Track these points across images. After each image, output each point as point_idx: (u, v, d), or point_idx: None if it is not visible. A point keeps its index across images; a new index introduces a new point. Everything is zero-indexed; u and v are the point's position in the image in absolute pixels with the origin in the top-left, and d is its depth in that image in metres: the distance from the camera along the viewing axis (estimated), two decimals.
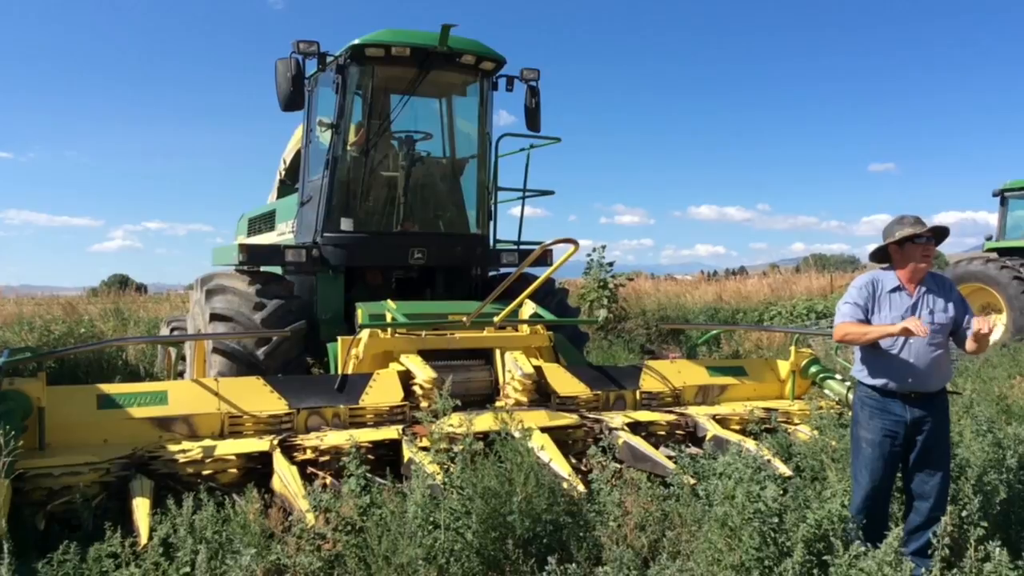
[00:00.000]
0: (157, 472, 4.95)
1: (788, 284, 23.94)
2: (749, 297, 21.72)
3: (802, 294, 20.73)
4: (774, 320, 16.98)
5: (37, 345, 11.38)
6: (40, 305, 17.86)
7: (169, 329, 10.03)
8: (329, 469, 5.24)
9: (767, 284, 24.28)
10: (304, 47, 7.44)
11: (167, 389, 5.70)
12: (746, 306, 19.55)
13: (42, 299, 20.20)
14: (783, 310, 17.55)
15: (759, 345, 14.88)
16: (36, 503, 4.61)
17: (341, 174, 7.87)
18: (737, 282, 25.92)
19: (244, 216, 11.51)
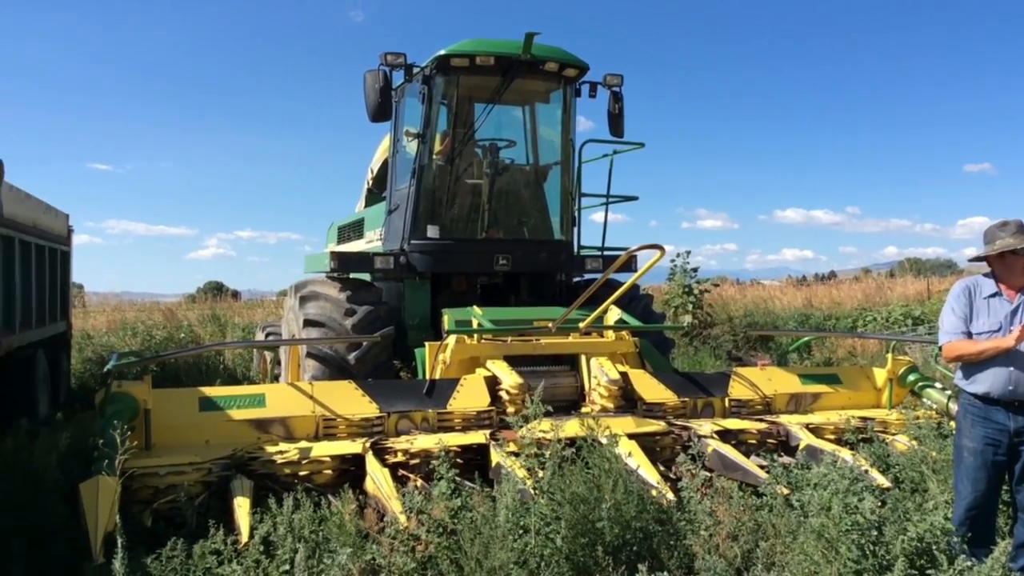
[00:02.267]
0: (256, 472, 5.12)
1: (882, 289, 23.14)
2: (841, 303, 21.09)
3: (898, 300, 20.01)
4: (868, 326, 16.42)
5: (140, 349, 11.91)
6: (142, 311, 18.70)
7: (264, 334, 10.37)
8: (419, 472, 5.33)
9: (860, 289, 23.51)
10: (391, 59, 7.61)
11: (264, 392, 5.90)
12: (838, 312, 18.98)
13: (143, 305, 21.14)
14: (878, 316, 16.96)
15: (852, 352, 14.44)
16: (143, 501, 4.82)
17: (427, 182, 8.01)
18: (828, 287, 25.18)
19: (334, 224, 11.81)
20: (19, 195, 8.08)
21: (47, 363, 9.23)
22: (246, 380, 11.35)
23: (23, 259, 8.22)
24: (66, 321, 10.86)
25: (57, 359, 10.19)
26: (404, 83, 8.18)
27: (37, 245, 8.86)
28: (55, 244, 9.92)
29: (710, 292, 17.01)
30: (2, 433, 6.48)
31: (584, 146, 8.61)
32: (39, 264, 8.98)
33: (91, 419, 6.98)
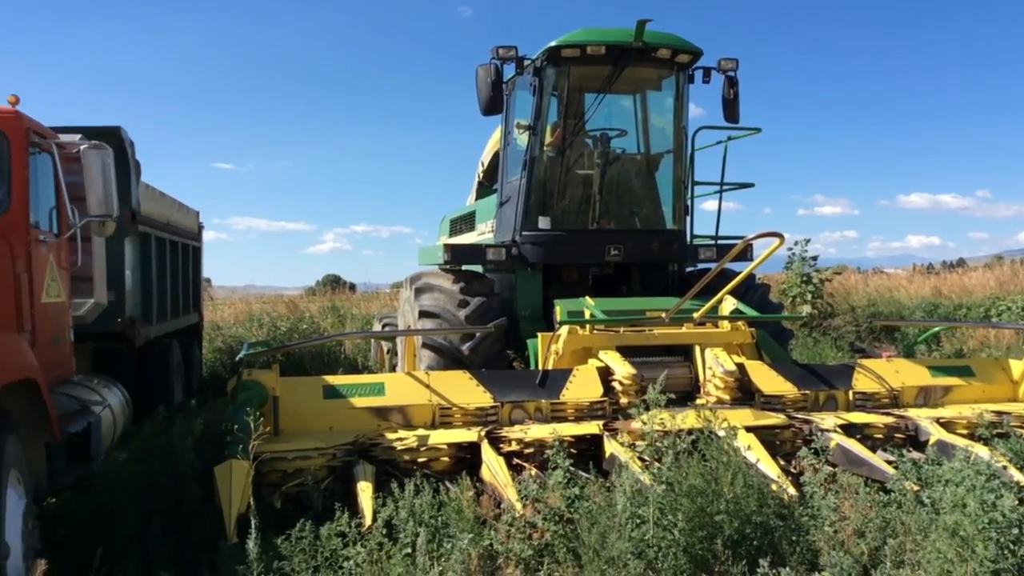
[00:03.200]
0: (377, 458, 5.29)
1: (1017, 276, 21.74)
2: (972, 291, 19.94)
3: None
4: (1002, 316, 15.47)
5: (266, 339, 12.44)
6: (266, 303, 19.53)
7: (381, 325, 10.67)
8: (533, 461, 5.38)
9: (993, 277, 22.15)
10: (503, 53, 7.66)
11: (384, 381, 6.08)
12: (969, 301, 17.95)
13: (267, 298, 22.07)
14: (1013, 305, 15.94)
15: (985, 343, 13.65)
16: (272, 484, 5.05)
17: (538, 174, 8.04)
18: (958, 275, 23.85)
19: (446, 217, 12.02)
20: (154, 194, 8.58)
21: (181, 353, 9.78)
22: (365, 369, 11.70)
23: (159, 255, 8.73)
24: (198, 313, 11.47)
25: (190, 349, 10.78)
26: (515, 76, 8.23)
27: (171, 241, 9.38)
28: (187, 240, 10.48)
29: (831, 281, 16.40)
30: (141, 419, 6.92)
31: (697, 133, 8.45)
32: (173, 259, 9.51)
33: (222, 406, 7.37)
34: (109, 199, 5.18)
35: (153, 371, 8.52)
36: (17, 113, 4.88)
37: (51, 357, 5.12)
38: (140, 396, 7.24)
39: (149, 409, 7.31)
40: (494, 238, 8.71)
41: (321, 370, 10.95)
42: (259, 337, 12.90)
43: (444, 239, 11.54)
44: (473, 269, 8.45)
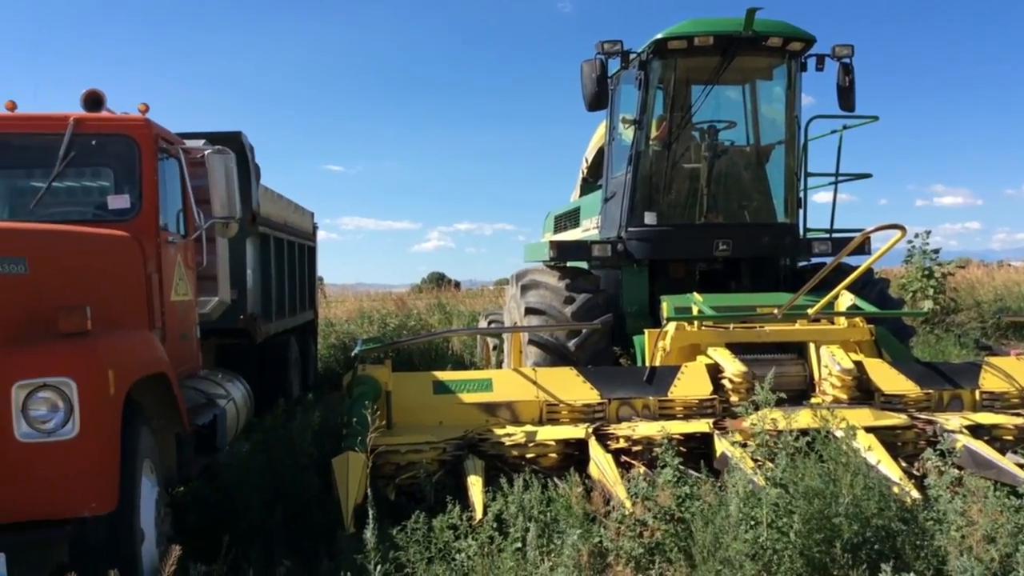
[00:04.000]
0: (486, 453, 5.36)
1: None
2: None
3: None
4: None
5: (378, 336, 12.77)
6: (376, 301, 20.03)
7: (487, 322, 10.79)
8: (642, 459, 5.33)
9: None
10: (608, 47, 7.62)
11: (491, 377, 6.15)
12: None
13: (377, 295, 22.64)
14: None
15: None
16: (386, 476, 5.19)
17: (644, 169, 7.95)
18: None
19: (550, 214, 12.04)
20: (272, 196, 8.94)
21: (298, 349, 10.15)
22: (472, 365, 11.86)
23: (277, 254, 9.08)
24: (313, 310, 11.88)
25: (306, 345, 11.17)
26: (620, 70, 8.17)
27: (288, 241, 9.75)
28: (303, 240, 10.87)
29: (953, 275, 15.60)
30: (262, 411, 7.22)
31: (811, 123, 8.19)
32: (290, 259, 9.88)
33: (338, 400, 7.62)
34: (232, 201, 5.43)
35: (272, 366, 8.88)
36: (147, 121, 5.17)
37: (180, 352, 5.41)
38: (260, 390, 7.55)
39: (269, 402, 7.61)
40: (599, 234, 8.68)
41: (430, 366, 11.17)
42: (370, 333, 13.25)
43: (549, 236, 11.56)
44: (578, 266, 8.44)
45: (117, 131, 5.05)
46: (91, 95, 5.05)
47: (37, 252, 3.92)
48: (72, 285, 4.13)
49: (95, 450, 3.47)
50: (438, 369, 7.65)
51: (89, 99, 5.06)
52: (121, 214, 4.97)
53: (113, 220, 4.94)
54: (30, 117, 5.08)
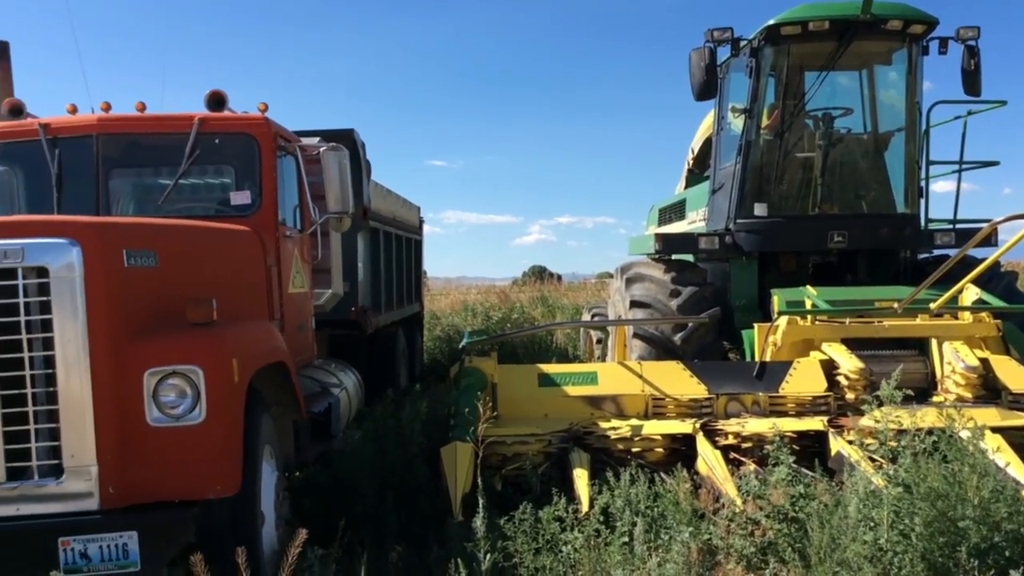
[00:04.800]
0: (591, 446, 5.36)
1: None
2: None
3: None
4: None
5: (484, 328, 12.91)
6: (480, 293, 20.26)
7: (591, 315, 10.75)
8: (752, 456, 5.22)
9: None
10: (718, 35, 7.47)
11: (596, 370, 6.14)
12: None
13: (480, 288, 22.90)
14: None
15: None
16: (492, 466, 5.25)
17: (754, 159, 7.77)
18: None
19: (654, 207, 11.90)
20: (382, 191, 9.15)
21: (405, 340, 10.37)
22: (575, 358, 11.85)
23: (386, 248, 9.30)
24: (419, 303, 12.12)
25: (413, 337, 11.40)
26: (729, 58, 8.00)
27: (396, 235, 9.97)
28: (410, 234, 11.09)
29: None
30: (372, 401, 7.42)
31: (933, 108, 7.82)
32: (398, 252, 10.10)
33: (444, 391, 7.75)
34: (346, 197, 5.58)
35: (381, 357, 9.09)
36: (266, 120, 5.37)
37: (297, 343, 5.60)
38: (370, 380, 7.76)
39: (378, 392, 7.81)
40: (706, 226, 8.53)
41: (533, 358, 11.22)
42: (474, 326, 13.42)
43: (653, 229, 11.44)
44: (684, 259, 8.32)
45: (239, 130, 5.27)
46: (214, 95, 5.27)
47: (166, 246, 4.12)
48: (198, 277, 4.34)
49: (220, 435, 3.63)
50: (542, 362, 7.67)
51: (212, 99, 5.28)
52: (242, 210, 5.19)
53: (235, 215, 5.16)
54: (158, 118, 5.35)
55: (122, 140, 5.26)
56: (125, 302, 3.67)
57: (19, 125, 5.23)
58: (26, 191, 5.42)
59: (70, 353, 3.46)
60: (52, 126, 5.15)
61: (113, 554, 3.39)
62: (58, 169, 5.10)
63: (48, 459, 3.47)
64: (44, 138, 5.10)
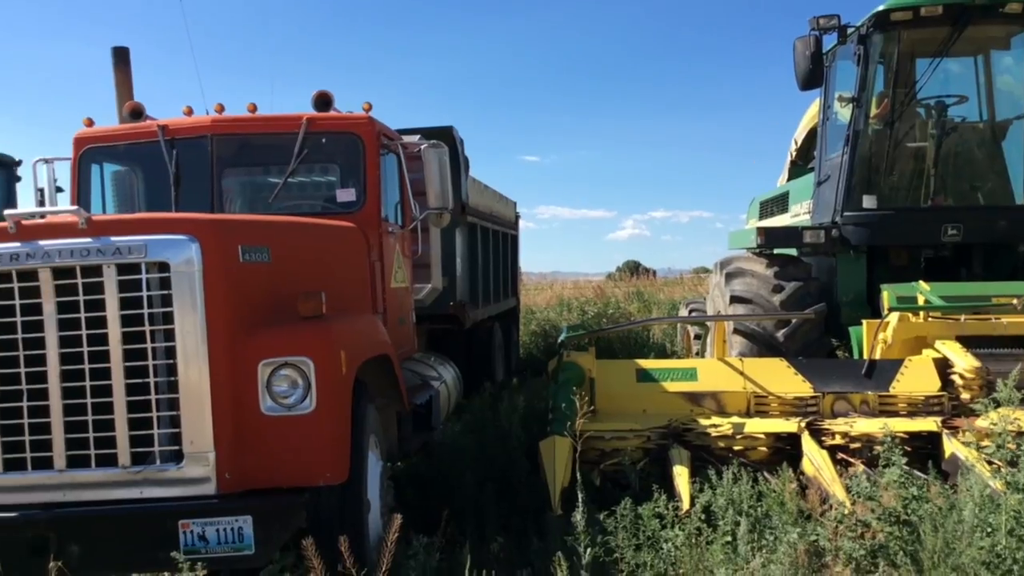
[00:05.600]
0: (691, 443, 5.29)
1: None
2: None
3: None
4: None
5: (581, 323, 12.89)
6: (574, 288, 20.24)
7: (688, 310, 10.61)
8: (860, 456, 5.07)
9: None
10: (823, 22, 7.25)
11: (696, 366, 6.06)
12: None
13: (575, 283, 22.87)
14: None
15: None
16: (590, 461, 5.24)
17: (862, 149, 7.50)
18: None
19: (755, 200, 11.63)
20: (479, 187, 9.23)
21: (501, 334, 10.45)
22: (673, 354, 11.72)
23: (483, 243, 9.38)
24: (515, 298, 12.17)
25: (509, 331, 11.47)
26: (836, 46, 7.75)
27: (493, 231, 10.04)
28: (506, 229, 11.15)
29: None
30: (469, 394, 7.52)
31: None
32: (495, 247, 10.16)
33: (541, 385, 7.79)
34: (446, 193, 5.66)
35: (478, 351, 9.19)
36: (370, 119, 5.49)
37: (398, 336, 5.72)
38: (467, 373, 7.85)
39: (475, 386, 7.91)
40: (811, 219, 8.29)
41: (629, 354, 11.14)
42: (570, 321, 13.40)
43: (754, 222, 11.19)
44: (787, 253, 8.10)
45: (344, 129, 5.41)
46: (321, 96, 5.42)
47: (278, 242, 4.27)
48: (308, 272, 4.48)
49: (329, 425, 3.75)
50: (639, 357, 7.63)
51: (319, 100, 5.43)
52: (347, 206, 5.33)
53: (340, 212, 5.30)
54: (269, 118, 5.53)
55: (234, 140, 5.47)
56: (240, 296, 3.83)
57: (139, 127, 5.50)
58: (145, 190, 5.71)
59: (189, 344, 3.62)
60: (170, 127, 5.40)
61: (229, 537, 3.53)
62: (175, 168, 5.33)
63: (169, 445, 3.64)
64: (162, 139, 5.35)
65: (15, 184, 10.46)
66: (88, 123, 5.58)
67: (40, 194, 5.60)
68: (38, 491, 3.64)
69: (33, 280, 3.60)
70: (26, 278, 3.60)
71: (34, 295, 3.60)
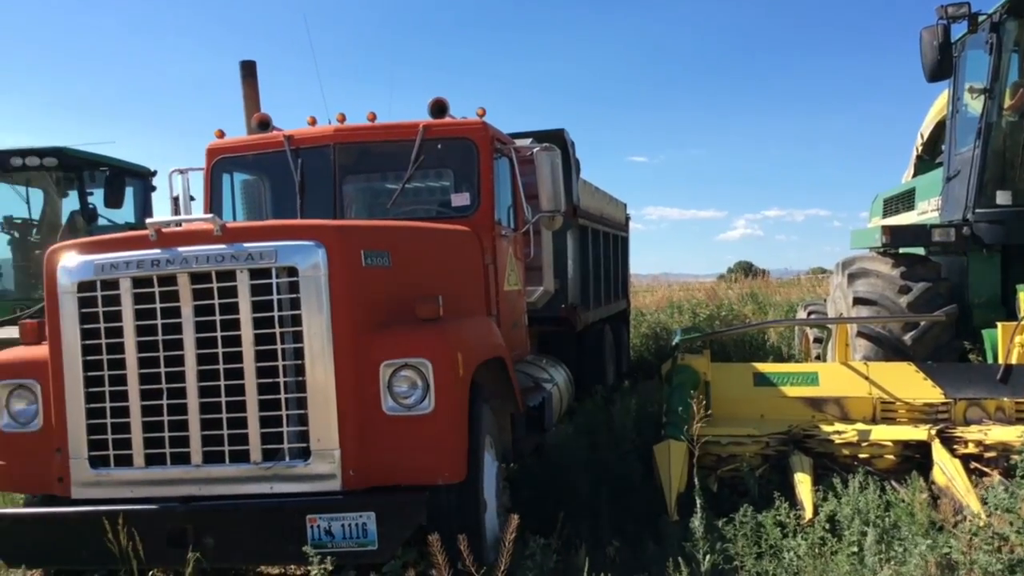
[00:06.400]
0: (813, 450, 5.14)
1: None
2: None
3: None
4: None
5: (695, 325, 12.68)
6: (685, 290, 19.91)
7: (807, 312, 10.28)
8: (996, 466, 4.80)
9: None
10: (952, 10, 6.92)
11: (817, 371, 5.89)
12: None
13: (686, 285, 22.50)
14: None
15: None
16: (706, 467, 5.15)
17: (996, 142, 7.10)
18: None
19: (878, 197, 11.17)
20: (590, 189, 9.23)
21: (612, 337, 10.39)
22: (790, 358, 11.37)
23: (594, 245, 9.37)
24: (626, 300, 12.09)
25: (619, 334, 11.39)
26: (966, 35, 7.36)
27: (604, 233, 10.01)
28: (617, 231, 11.09)
29: None
30: (580, 397, 7.51)
31: None
32: (606, 249, 10.13)
33: (652, 388, 7.71)
34: (558, 196, 5.69)
35: (589, 353, 9.16)
36: (484, 124, 5.58)
37: (512, 339, 5.78)
38: (578, 376, 7.84)
39: (586, 388, 7.89)
40: (940, 217, 7.91)
41: (744, 357, 10.89)
42: (681, 324, 13.21)
43: (877, 220, 10.74)
44: (914, 252, 7.75)
45: (459, 135, 5.51)
46: (437, 103, 5.55)
47: (397, 247, 4.40)
48: (425, 276, 4.59)
49: (448, 425, 3.83)
50: (755, 361, 7.43)
51: (435, 107, 5.56)
52: (462, 210, 5.43)
53: (454, 216, 5.41)
54: (387, 126, 5.69)
55: (355, 148, 5.66)
56: (363, 299, 3.96)
57: (267, 138, 5.76)
58: (271, 197, 5.98)
59: (316, 346, 3.78)
60: (295, 138, 5.64)
61: (354, 532, 3.65)
62: (300, 176, 5.56)
63: (297, 443, 3.79)
64: (288, 149, 5.59)
65: (151, 194, 11.14)
66: (219, 134, 5.89)
67: (175, 203, 5.93)
68: (176, 485, 3.86)
69: (172, 285, 3.82)
70: (166, 283, 3.83)
71: (173, 299, 3.82)
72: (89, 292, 3.89)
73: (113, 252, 3.91)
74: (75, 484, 3.94)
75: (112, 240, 4.08)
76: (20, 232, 10.39)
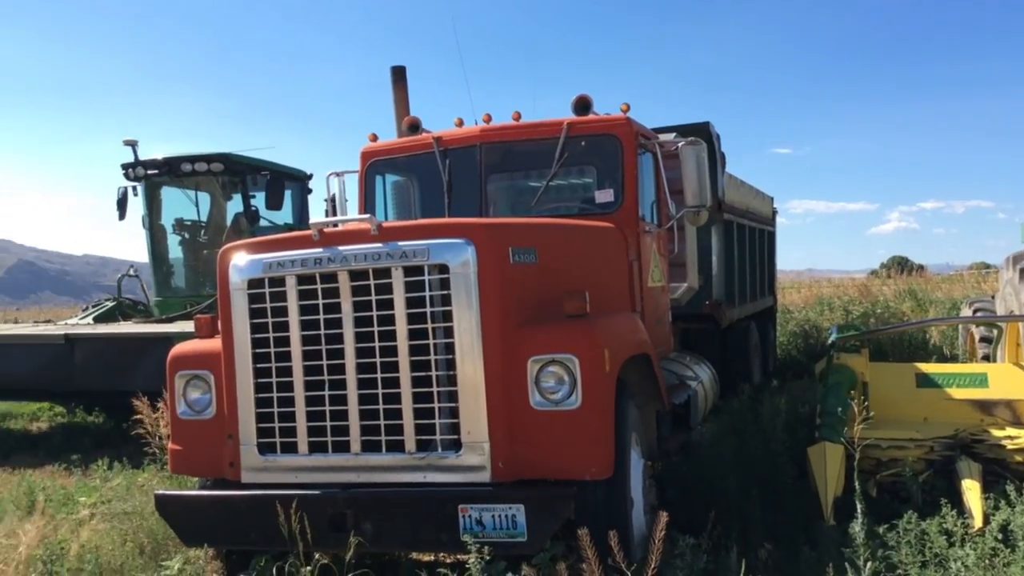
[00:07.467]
0: (982, 456, 4.84)
1: None
2: None
3: None
4: None
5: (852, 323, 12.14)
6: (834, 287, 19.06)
7: (972, 310, 9.64)
8: None
9: None
10: None
11: (986, 371, 5.55)
12: None
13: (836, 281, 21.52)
14: None
15: None
16: (865, 471, 4.92)
17: None
18: None
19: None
20: (735, 182, 9.01)
21: (758, 335, 10.10)
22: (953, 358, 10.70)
23: (739, 241, 9.14)
24: (772, 297, 11.72)
25: (765, 331, 11.06)
26: None
27: (749, 227, 9.75)
28: (763, 226, 10.77)
29: None
30: (726, 395, 7.34)
31: None
32: (751, 245, 9.86)
33: (802, 388, 7.44)
34: (703, 191, 5.59)
35: (734, 351, 8.95)
36: (628, 120, 5.55)
37: (656, 335, 5.72)
38: (722, 374, 7.67)
39: (731, 387, 7.71)
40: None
41: (903, 357, 10.33)
42: (832, 321, 12.65)
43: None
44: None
45: (603, 131, 5.51)
46: (581, 100, 5.57)
47: (544, 243, 4.45)
48: (572, 272, 4.62)
49: (595, 421, 3.84)
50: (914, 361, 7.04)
51: (579, 104, 5.58)
52: (606, 207, 5.43)
53: (598, 212, 5.41)
54: (531, 125, 5.76)
55: (500, 148, 5.76)
56: (511, 295, 4.03)
57: (417, 140, 5.96)
58: (420, 196, 6.17)
59: (466, 341, 3.88)
60: (444, 139, 5.80)
61: (503, 524, 3.72)
62: (448, 176, 5.72)
63: (449, 434, 3.91)
64: (437, 150, 5.76)
65: (307, 196, 11.75)
66: (372, 138, 6.14)
67: (331, 203, 6.23)
68: (336, 472, 4.06)
69: (333, 282, 4.02)
70: (328, 280, 4.03)
71: (334, 295, 4.02)
72: (258, 289, 4.14)
73: (279, 251, 4.15)
74: (245, 469, 4.21)
75: (278, 240, 4.34)
76: (190, 233, 11.20)
